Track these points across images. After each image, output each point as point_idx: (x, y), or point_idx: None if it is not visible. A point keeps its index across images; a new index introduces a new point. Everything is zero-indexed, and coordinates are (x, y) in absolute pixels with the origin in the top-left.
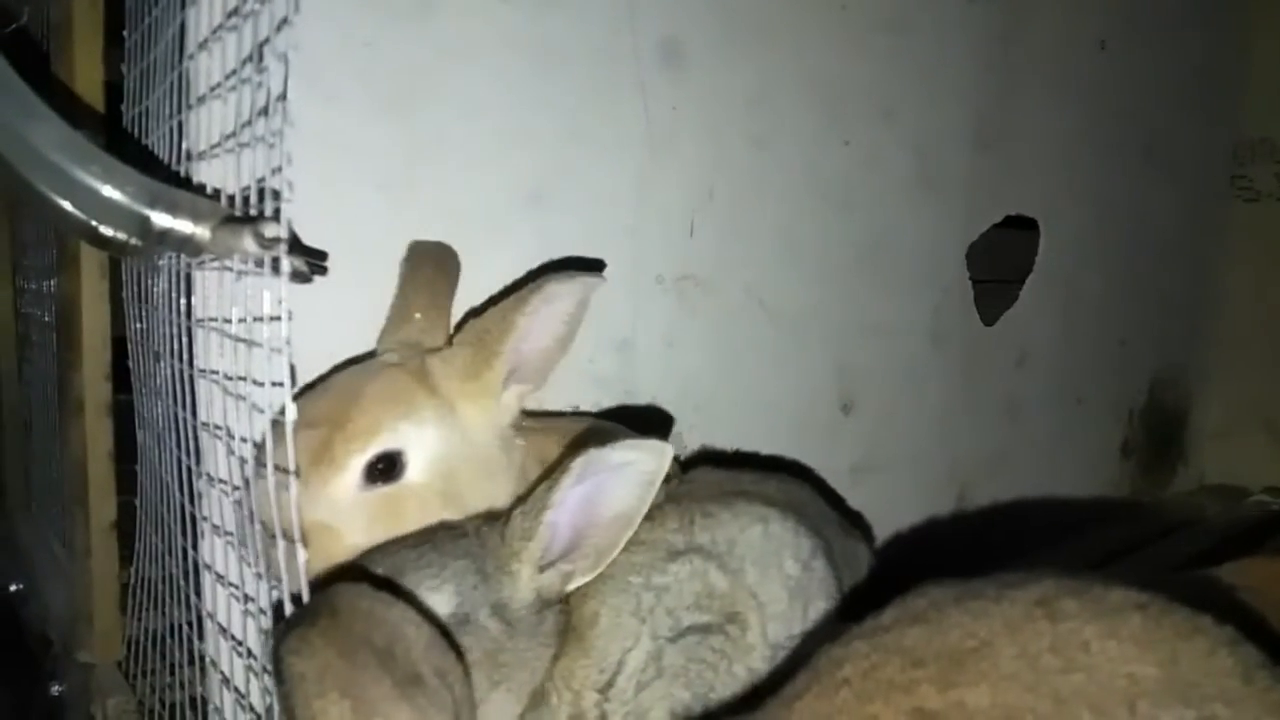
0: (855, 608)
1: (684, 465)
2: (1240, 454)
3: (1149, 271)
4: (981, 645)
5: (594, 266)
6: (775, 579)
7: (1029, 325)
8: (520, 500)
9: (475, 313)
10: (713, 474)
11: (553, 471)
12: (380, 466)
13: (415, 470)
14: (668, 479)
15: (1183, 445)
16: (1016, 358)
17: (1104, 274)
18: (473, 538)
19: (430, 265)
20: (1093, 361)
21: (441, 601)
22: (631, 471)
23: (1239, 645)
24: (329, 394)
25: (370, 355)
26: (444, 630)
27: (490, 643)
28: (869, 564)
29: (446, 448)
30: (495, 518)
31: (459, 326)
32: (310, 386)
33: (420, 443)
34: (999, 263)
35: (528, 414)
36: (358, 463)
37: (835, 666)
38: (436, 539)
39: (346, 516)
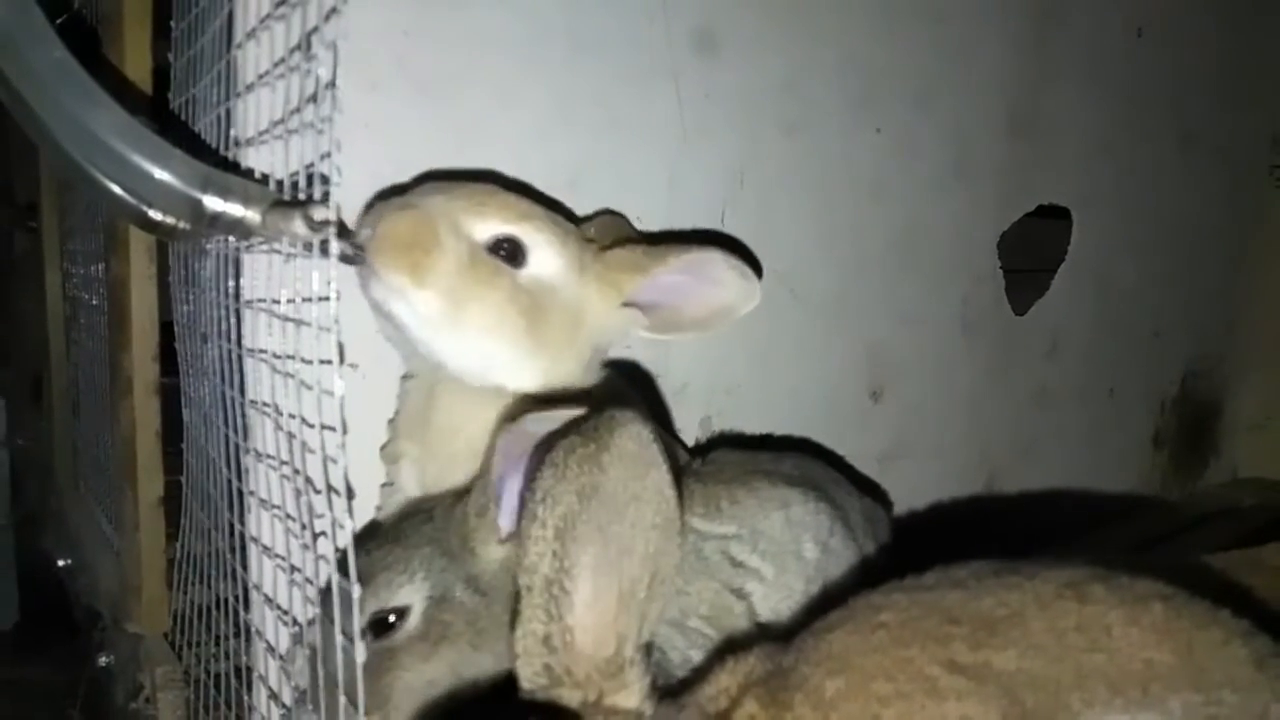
0: (877, 574)
1: (705, 448)
2: (1275, 447)
3: (1184, 262)
4: (1013, 615)
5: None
6: (792, 569)
7: (1061, 315)
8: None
9: (612, 212)
10: (731, 454)
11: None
12: (506, 247)
13: (527, 274)
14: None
15: (1216, 437)
16: (1048, 347)
17: (1138, 264)
18: (437, 521)
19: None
20: (1125, 352)
21: (415, 589)
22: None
23: (1253, 636)
24: None
25: None
26: None
27: (469, 614)
28: (889, 527)
29: (560, 284)
30: (463, 496)
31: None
32: None
33: (548, 259)
34: (1031, 251)
35: None
36: (497, 226)
37: (873, 611)
38: (402, 531)
39: (454, 248)
